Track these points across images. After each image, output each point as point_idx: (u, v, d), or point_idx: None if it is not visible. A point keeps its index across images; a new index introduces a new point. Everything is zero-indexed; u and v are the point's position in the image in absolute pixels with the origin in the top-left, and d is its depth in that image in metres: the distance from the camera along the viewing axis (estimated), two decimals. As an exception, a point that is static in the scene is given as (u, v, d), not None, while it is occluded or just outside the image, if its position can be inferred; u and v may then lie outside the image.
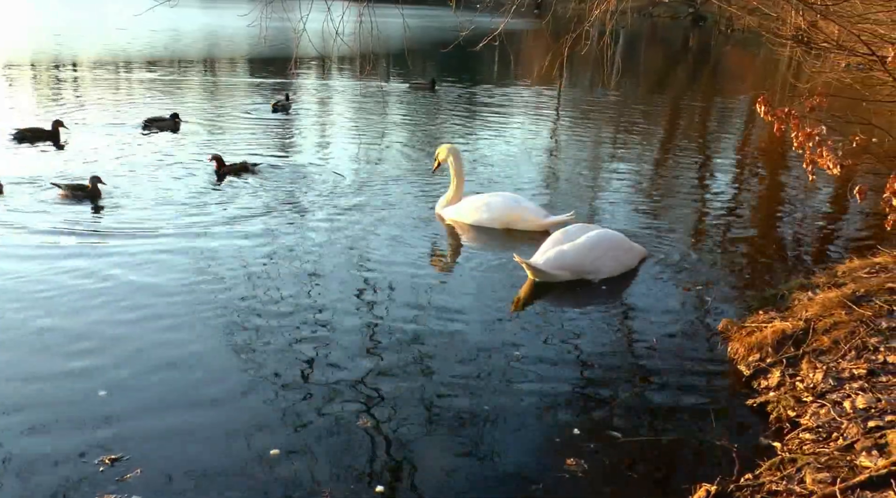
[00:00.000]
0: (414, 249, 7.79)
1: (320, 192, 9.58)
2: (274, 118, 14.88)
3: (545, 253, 6.90)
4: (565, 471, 4.16)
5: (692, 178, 11.84)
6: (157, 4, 6.12)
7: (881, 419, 4.23)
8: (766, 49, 25.49)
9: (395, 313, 6.10)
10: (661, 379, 5.26)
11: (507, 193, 8.75)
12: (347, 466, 4.13)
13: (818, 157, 5.08)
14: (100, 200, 8.77)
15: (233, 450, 4.24)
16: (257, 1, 6.72)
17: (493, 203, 8.46)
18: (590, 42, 7.10)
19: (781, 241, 8.62)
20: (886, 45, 6.18)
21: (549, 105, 19.03)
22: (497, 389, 5.01)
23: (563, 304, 6.57)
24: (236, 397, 4.79)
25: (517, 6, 7.42)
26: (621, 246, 7.19)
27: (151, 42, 28.54)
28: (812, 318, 5.53)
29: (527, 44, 34.34)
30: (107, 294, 6.24)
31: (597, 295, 6.83)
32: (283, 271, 6.88)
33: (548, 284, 6.83)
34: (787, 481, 3.85)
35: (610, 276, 7.02)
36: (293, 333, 5.70)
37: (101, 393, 4.75)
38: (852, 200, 6.07)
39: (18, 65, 20.73)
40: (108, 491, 3.83)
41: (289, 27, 6.77)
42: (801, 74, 18.50)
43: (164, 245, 7.41)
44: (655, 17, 63.89)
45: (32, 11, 41.18)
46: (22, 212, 8.22)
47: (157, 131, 12.84)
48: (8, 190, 8.88)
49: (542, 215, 8.36)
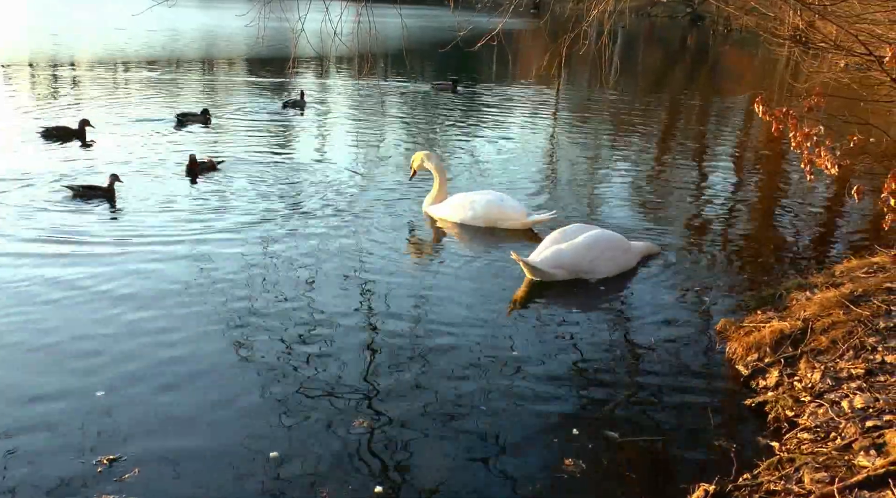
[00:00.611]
0: (410, 249, 7.80)
1: (330, 190, 9.64)
2: (287, 117, 14.96)
3: (542, 252, 6.90)
4: (564, 471, 4.16)
5: (690, 177, 11.85)
6: (156, 4, 6.12)
7: (879, 419, 4.24)
8: (764, 49, 25.54)
9: (391, 315, 6.09)
10: (658, 379, 5.27)
11: (492, 192, 8.82)
12: (346, 467, 4.13)
13: (816, 157, 5.09)
14: (115, 200, 8.74)
15: (232, 451, 4.23)
16: (255, 1, 6.72)
17: (477, 201, 8.55)
18: (588, 42, 7.10)
19: (779, 241, 8.62)
20: (884, 45, 6.20)
21: (547, 104, 19.04)
22: (495, 389, 5.01)
23: (561, 304, 6.57)
24: (235, 398, 4.78)
25: (515, 6, 7.43)
26: (619, 246, 7.18)
27: (154, 41, 28.50)
28: (810, 318, 5.54)
29: (525, 44, 34.34)
30: (106, 296, 6.22)
31: (595, 295, 6.83)
32: (282, 272, 6.87)
33: (544, 284, 6.83)
34: (785, 481, 3.86)
35: (607, 276, 7.02)
36: (292, 333, 5.69)
37: (98, 393, 4.74)
38: (850, 200, 6.08)
39: (33, 64, 20.70)
40: (106, 491, 3.82)
41: (287, 27, 6.77)
42: (798, 74, 18.54)
43: (165, 246, 7.40)
44: (653, 17, 63.93)
45: (31, 11, 41.14)
46: (34, 211, 8.22)
47: (188, 125, 12.90)
48: (22, 189, 8.91)
49: (525, 214, 8.41)
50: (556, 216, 8.37)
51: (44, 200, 8.66)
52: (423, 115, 16.47)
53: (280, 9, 6.33)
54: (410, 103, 17.83)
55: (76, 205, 8.56)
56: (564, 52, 6.94)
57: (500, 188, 10.09)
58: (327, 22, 5.90)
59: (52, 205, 8.53)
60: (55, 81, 18.47)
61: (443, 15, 35.85)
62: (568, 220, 8.52)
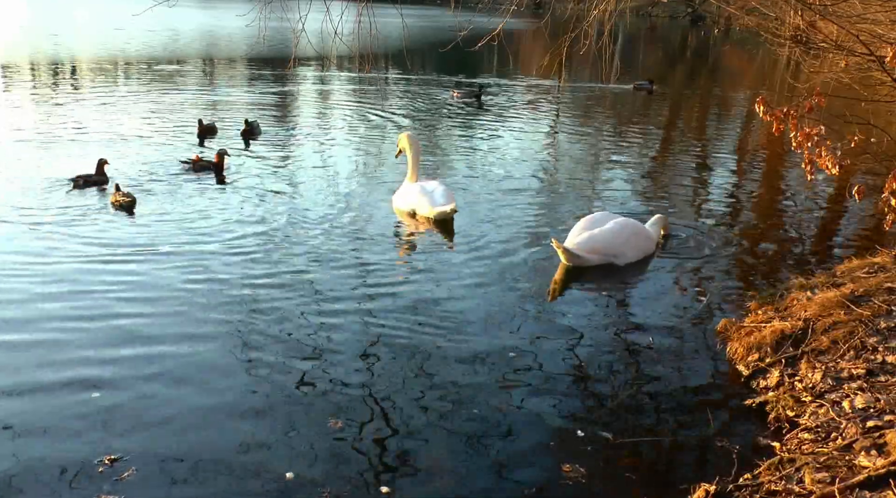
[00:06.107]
0: (408, 247, 7.82)
1: (330, 190, 9.63)
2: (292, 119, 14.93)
3: (575, 238, 7.30)
4: (564, 472, 4.15)
5: (690, 177, 11.84)
6: (156, 4, 6.10)
7: (880, 419, 4.23)
8: (765, 49, 25.52)
9: (391, 316, 6.08)
10: (659, 379, 5.26)
11: (431, 182, 8.95)
12: (345, 468, 4.12)
13: (817, 157, 5.09)
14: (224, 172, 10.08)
15: (232, 451, 4.23)
16: (256, 1, 6.71)
17: (408, 190, 8.92)
18: (589, 41, 7.10)
19: (780, 240, 8.61)
20: (885, 45, 6.19)
21: (547, 104, 19.02)
22: (495, 390, 5.01)
23: (560, 304, 6.57)
24: (236, 398, 4.78)
25: (516, 6, 7.42)
26: (642, 233, 7.67)
27: (154, 41, 28.51)
28: (811, 318, 5.54)
29: (526, 43, 34.33)
30: (106, 296, 6.22)
31: (594, 295, 6.83)
32: (282, 272, 6.87)
33: (542, 284, 6.87)
34: (785, 481, 3.85)
35: (632, 261, 7.42)
36: (293, 332, 5.69)
37: (94, 394, 4.73)
38: (851, 200, 6.07)
39: (33, 64, 20.71)
40: (105, 491, 3.82)
41: (287, 27, 6.76)
42: (799, 74, 18.53)
43: (165, 246, 7.41)
44: (654, 17, 63.92)
45: (31, 11, 41.14)
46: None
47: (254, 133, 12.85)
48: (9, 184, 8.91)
49: (435, 205, 8.53)
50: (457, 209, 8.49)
51: (40, 195, 8.69)
52: (424, 116, 16.45)
53: (280, 9, 6.32)
54: (421, 106, 17.80)
55: (73, 202, 8.54)
56: (565, 52, 6.93)
57: (500, 187, 10.12)
58: (328, 22, 5.89)
59: (48, 201, 8.55)
60: (55, 81, 18.48)
61: (443, 15, 35.84)
62: (569, 219, 8.53)
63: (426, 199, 8.61)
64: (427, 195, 8.63)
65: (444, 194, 8.63)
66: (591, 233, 7.31)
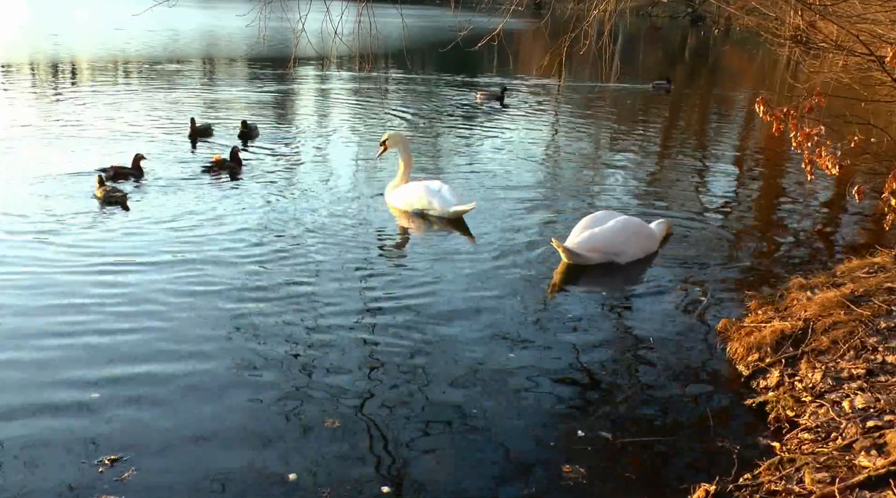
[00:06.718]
0: (403, 245, 7.81)
1: (330, 189, 9.63)
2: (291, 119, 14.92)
3: (576, 237, 7.30)
4: (564, 472, 4.15)
5: (690, 177, 11.84)
6: (156, 4, 6.10)
7: (880, 419, 4.24)
8: (764, 48, 25.53)
9: (391, 316, 6.08)
10: (659, 379, 5.26)
11: (432, 182, 8.92)
12: (345, 469, 4.12)
13: (817, 157, 5.09)
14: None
15: (232, 451, 4.23)
16: (256, 1, 6.71)
17: (413, 189, 8.79)
18: (589, 41, 7.11)
19: (780, 240, 8.61)
20: (885, 45, 6.19)
21: (547, 103, 19.02)
22: (495, 390, 5.00)
23: (559, 304, 6.57)
24: (236, 400, 4.77)
25: (516, 6, 7.42)
26: (643, 231, 7.68)
27: (154, 41, 28.51)
28: (811, 318, 5.54)
29: (526, 43, 34.33)
30: (105, 297, 6.22)
31: (594, 295, 6.84)
32: (282, 270, 6.87)
33: (540, 284, 6.87)
34: (785, 481, 3.85)
35: (634, 259, 7.43)
36: (293, 334, 5.68)
37: (96, 394, 4.73)
38: (851, 200, 6.07)
39: (33, 64, 20.72)
40: (105, 491, 3.82)
41: (287, 27, 6.76)
42: (799, 74, 18.52)
43: (165, 246, 7.42)
44: (654, 17, 63.94)
45: (31, 11, 41.15)
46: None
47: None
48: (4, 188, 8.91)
49: (450, 204, 8.51)
50: (476, 205, 8.51)
51: (40, 195, 8.68)
52: (424, 115, 16.45)
53: (280, 9, 6.32)
54: (421, 106, 17.80)
55: (65, 207, 8.50)
56: (565, 52, 6.94)
57: (499, 187, 10.11)
58: (328, 22, 5.89)
59: (41, 209, 8.47)
60: (54, 81, 18.48)
61: (443, 15, 35.85)
62: (568, 219, 8.53)
63: (437, 198, 8.55)
64: (436, 195, 8.57)
65: (453, 193, 8.63)
66: (591, 231, 7.32)
